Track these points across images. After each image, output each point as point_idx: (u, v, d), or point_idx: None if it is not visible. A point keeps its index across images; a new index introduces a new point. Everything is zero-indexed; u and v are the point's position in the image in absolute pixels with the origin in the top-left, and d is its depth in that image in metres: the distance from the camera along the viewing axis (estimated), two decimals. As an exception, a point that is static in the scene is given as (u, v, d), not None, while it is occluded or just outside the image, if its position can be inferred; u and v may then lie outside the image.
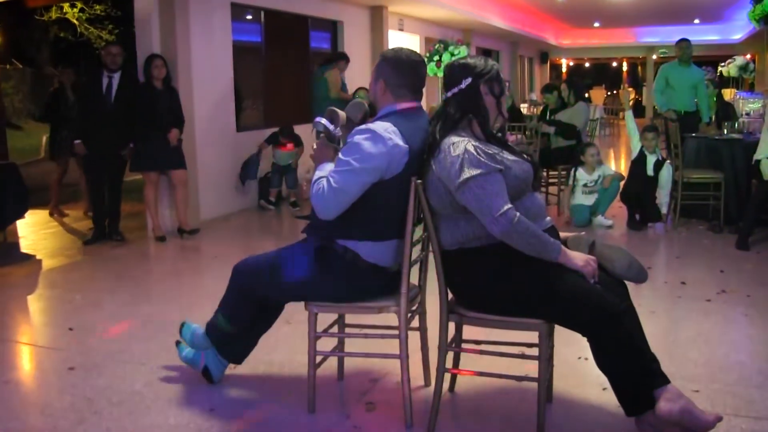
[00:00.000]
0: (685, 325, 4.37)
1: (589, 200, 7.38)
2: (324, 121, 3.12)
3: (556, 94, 8.78)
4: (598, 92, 26.57)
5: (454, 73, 2.97)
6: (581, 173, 7.44)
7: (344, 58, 9.59)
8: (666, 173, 7.20)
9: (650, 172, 7.20)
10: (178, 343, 3.64)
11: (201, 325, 3.53)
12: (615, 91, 24.77)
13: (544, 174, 8.81)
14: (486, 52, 19.58)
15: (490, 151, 2.81)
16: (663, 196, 7.28)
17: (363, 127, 2.97)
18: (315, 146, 3.15)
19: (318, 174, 3.02)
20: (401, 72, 3.07)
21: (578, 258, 2.81)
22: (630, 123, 7.53)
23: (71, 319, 4.66)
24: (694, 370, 3.63)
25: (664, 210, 7.28)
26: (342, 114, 3.16)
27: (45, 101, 9.00)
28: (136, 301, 5.11)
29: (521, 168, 2.87)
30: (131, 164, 7.06)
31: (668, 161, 7.32)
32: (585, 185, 7.38)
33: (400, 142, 2.92)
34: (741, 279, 5.39)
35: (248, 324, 3.42)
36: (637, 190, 7.24)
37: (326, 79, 9.26)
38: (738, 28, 21.43)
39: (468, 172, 2.74)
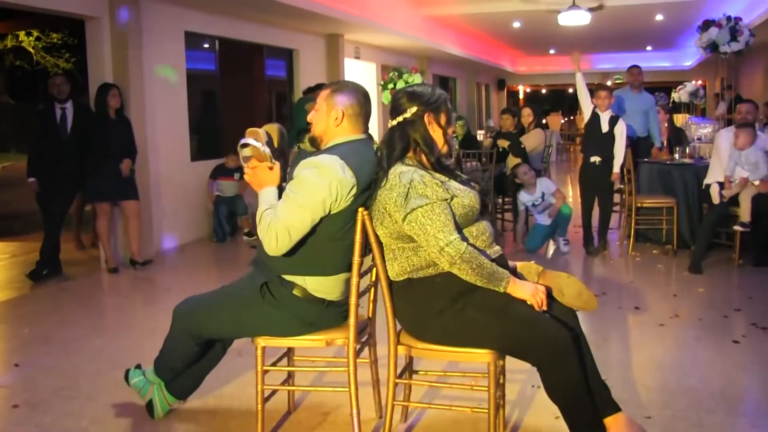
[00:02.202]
0: (638, 351, 4.38)
1: (546, 219, 7.38)
2: (251, 141, 3.01)
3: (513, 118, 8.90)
4: (555, 118, 26.93)
5: (400, 101, 2.94)
6: (523, 195, 7.48)
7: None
8: (620, 128, 7.12)
9: (605, 128, 7.14)
10: (138, 366, 3.56)
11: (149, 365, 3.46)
12: (572, 117, 25.07)
13: (500, 200, 8.85)
14: (443, 80, 19.73)
15: (436, 181, 2.79)
16: (618, 152, 7.12)
17: (310, 159, 2.91)
18: (246, 171, 3.05)
19: (263, 206, 2.95)
20: (359, 102, 3.05)
21: (527, 287, 2.79)
22: (580, 83, 7.48)
23: (17, 355, 4.54)
24: (647, 396, 3.64)
25: (616, 168, 7.15)
26: (262, 131, 3.07)
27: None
28: (85, 334, 4.98)
29: (469, 197, 2.85)
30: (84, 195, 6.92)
31: (621, 118, 7.27)
32: (533, 205, 7.41)
33: (347, 176, 2.87)
34: (693, 303, 5.46)
35: (193, 363, 3.35)
36: (595, 145, 7.19)
37: (305, 110, 9.07)
38: (689, 55, 21.94)
39: (414, 202, 2.72)
